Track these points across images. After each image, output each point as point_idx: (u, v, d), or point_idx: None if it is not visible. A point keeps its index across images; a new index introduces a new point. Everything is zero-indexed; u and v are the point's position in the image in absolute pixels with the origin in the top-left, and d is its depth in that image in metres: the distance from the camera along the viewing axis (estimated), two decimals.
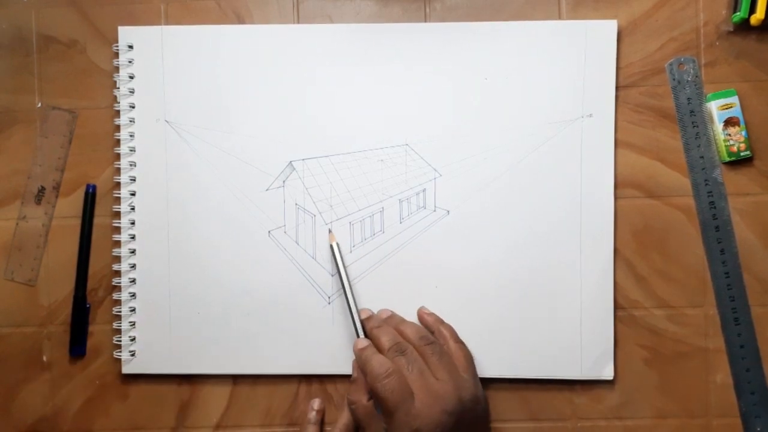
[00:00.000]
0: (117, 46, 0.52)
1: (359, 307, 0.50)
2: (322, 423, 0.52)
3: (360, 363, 0.47)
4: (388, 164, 0.52)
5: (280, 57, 0.52)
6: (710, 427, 0.51)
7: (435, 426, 0.43)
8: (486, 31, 0.51)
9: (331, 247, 0.51)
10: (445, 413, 0.44)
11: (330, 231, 0.51)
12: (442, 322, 0.50)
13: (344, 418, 0.50)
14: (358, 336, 0.49)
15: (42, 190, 0.52)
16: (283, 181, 0.52)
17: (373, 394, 0.45)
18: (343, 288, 0.50)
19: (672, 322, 0.51)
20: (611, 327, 0.51)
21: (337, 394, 0.52)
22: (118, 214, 0.52)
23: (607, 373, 0.51)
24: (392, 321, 0.50)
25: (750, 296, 0.51)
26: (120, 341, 0.52)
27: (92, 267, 0.52)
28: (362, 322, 0.50)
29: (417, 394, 0.44)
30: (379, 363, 0.45)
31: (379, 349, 0.47)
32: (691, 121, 0.51)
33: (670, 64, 0.51)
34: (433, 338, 0.48)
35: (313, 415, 0.51)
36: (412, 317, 0.51)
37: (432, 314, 0.51)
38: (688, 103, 0.51)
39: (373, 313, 0.51)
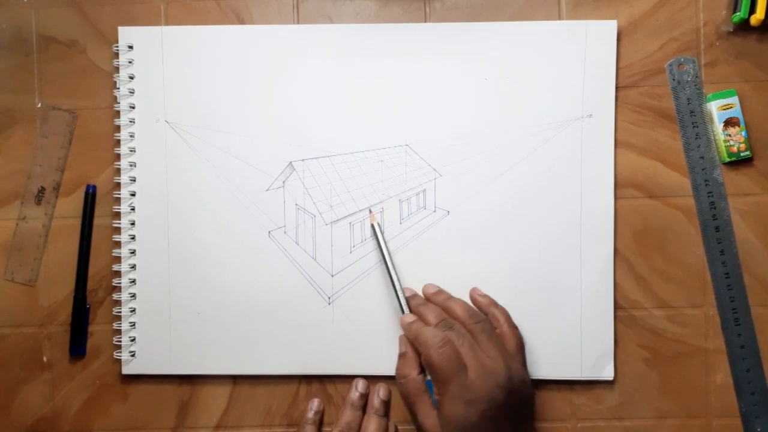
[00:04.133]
0: (117, 47, 0.52)
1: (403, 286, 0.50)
2: (320, 423, 0.52)
3: (410, 336, 0.47)
4: (388, 164, 0.52)
5: (280, 57, 0.52)
6: (710, 427, 0.51)
7: (488, 399, 0.43)
8: (486, 31, 0.51)
9: (372, 227, 0.51)
10: (497, 387, 0.43)
11: (371, 211, 0.51)
12: (495, 304, 0.49)
13: (345, 417, 0.50)
14: (403, 312, 0.49)
15: (42, 190, 0.52)
16: (283, 182, 0.52)
17: (428, 364, 0.44)
18: (386, 266, 0.50)
19: (672, 322, 0.51)
20: (611, 327, 0.51)
21: (337, 394, 0.52)
22: (118, 215, 0.52)
23: (607, 374, 0.51)
24: (439, 297, 0.50)
25: (750, 296, 0.51)
26: (120, 341, 0.52)
27: (92, 267, 0.52)
28: (407, 299, 0.49)
29: (470, 366, 0.44)
30: (432, 333, 0.45)
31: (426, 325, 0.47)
32: (691, 121, 0.51)
33: (670, 65, 0.51)
34: (483, 316, 0.47)
35: (311, 415, 0.51)
36: None
37: (485, 296, 0.50)
38: (688, 104, 0.51)
39: (416, 292, 0.51)
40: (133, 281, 0.52)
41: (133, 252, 0.52)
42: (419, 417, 0.45)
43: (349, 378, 0.52)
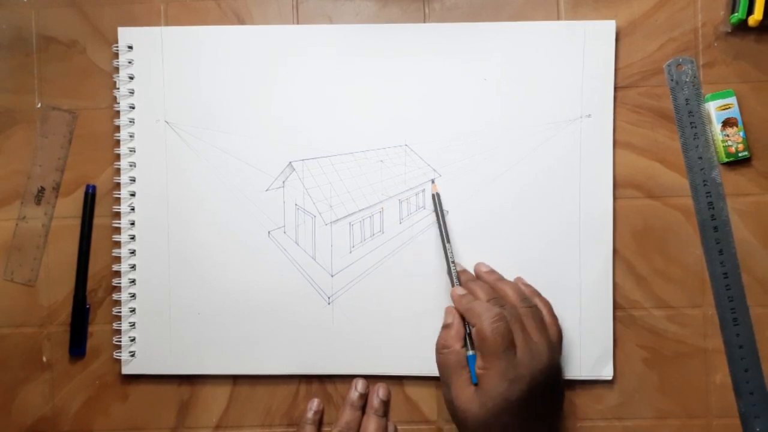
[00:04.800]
0: (117, 47, 0.52)
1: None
2: (320, 423, 0.52)
3: (462, 308, 0.47)
4: (388, 164, 0.52)
5: (280, 57, 0.52)
6: (710, 427, 0.51)
7: (529, 380, 0.43)
8: (486, 31, 0.51)
9: (433, 196, 0.51)
10: (540, 372, 0.44)
11: (433, 182, 0.51)
12: (538, 294, 0.49)
13: (345, 417, 0.50)
14: (453, 285, 0.49)
15: (42, 190, 0.52)
16: (283, 182, 0.52)
17: (480, 337, 0.44)
18: (442, 238, 0.50)
19: (671, 322, 0.51)
20: (611, 327, 0.51)
21: (337, 394, 0.52)
22: (117, 215, 0.52)
23: (607, 373, 0.51)
24: (490, 276, 0.50)
25: (749, 296, 0.51)
26: (120, 341, 0.52)
27: (92, 267, 0.52)
28: (457, 273, 0.49)
29: (518, 346, 0.44)
30: (486, 307, 0.45)
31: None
32: (689, 121, 0.51)
33: (669, 65, 0.51)
34: (533, 302, 0.47)
35: (311, 415, 0.51)
36: (412, 318, 0.51)
37: (529, 286, 0.50)
38: (687, 104, 0.51)
39: (466, 269, 0.51)
40: (133, 281, 0.52)
41: (132, 252, 0.52)
42: (454, 391, 0.45)
43: (349, 378, 0.52)
